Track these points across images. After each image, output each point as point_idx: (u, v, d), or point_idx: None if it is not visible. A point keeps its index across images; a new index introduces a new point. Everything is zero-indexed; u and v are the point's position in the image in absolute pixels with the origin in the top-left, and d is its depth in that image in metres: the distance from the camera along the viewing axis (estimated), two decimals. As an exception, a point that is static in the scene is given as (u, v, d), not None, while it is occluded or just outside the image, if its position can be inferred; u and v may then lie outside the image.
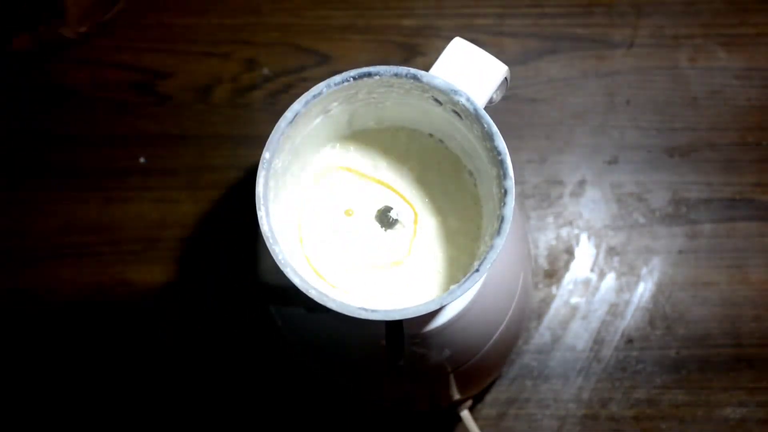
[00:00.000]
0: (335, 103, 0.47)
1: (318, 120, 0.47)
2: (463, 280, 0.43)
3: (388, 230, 0.49)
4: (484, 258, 0.43)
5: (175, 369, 0.69)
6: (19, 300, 0.70)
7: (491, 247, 0.43)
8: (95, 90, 0.74)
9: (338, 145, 0.50)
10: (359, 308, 0.42)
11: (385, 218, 0.49)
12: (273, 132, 0.45)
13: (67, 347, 0.69)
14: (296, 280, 0.43)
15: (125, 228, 0.71)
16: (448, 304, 0.45)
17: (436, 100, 0.46)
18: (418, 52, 0.74)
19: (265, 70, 0.74)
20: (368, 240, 0.49)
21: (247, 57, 0.74)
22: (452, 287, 0.43)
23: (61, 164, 0.72)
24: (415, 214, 0.49)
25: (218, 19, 0.75)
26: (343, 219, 0.49)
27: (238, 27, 0.75)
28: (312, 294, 0.43)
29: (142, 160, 0.72)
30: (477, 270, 0.43)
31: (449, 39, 0.46)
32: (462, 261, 0.48)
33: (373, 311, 0.42)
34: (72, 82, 0.74)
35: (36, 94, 0.74)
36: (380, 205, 0.49)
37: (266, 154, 0.44)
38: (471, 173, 0.49)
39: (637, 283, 0.70)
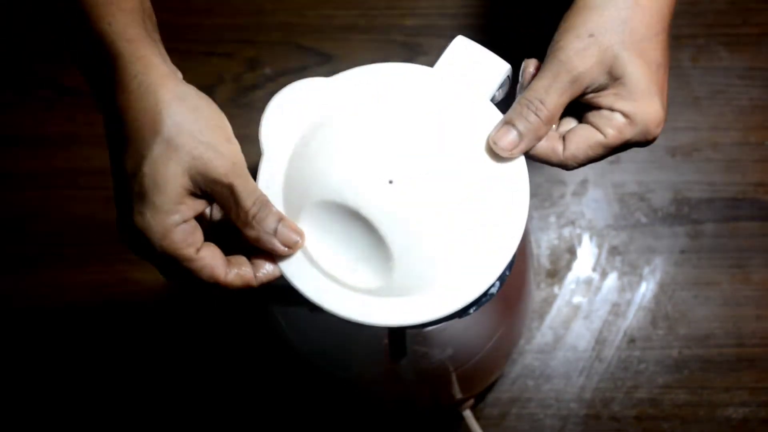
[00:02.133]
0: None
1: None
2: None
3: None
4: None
5: (176, 368, 0.69)
6: (20, 300, 0.70)
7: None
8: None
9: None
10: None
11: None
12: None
13: (68, 346, 0.69)
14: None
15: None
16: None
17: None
18: (420, 51, 0.74)
19: (267, 70, 0.74)
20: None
21: (249, 56, 0.74)
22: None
23: (62, 163, 0.72)
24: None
25: (221, 19, 0.75)
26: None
27: (241, 27, 0.75)
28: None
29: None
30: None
31: (451, 38, 0.46)
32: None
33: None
34: (72, 81, 0.74)
35: (36, 93, 0.74)
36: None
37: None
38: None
39: (639, 283, 0.70)
